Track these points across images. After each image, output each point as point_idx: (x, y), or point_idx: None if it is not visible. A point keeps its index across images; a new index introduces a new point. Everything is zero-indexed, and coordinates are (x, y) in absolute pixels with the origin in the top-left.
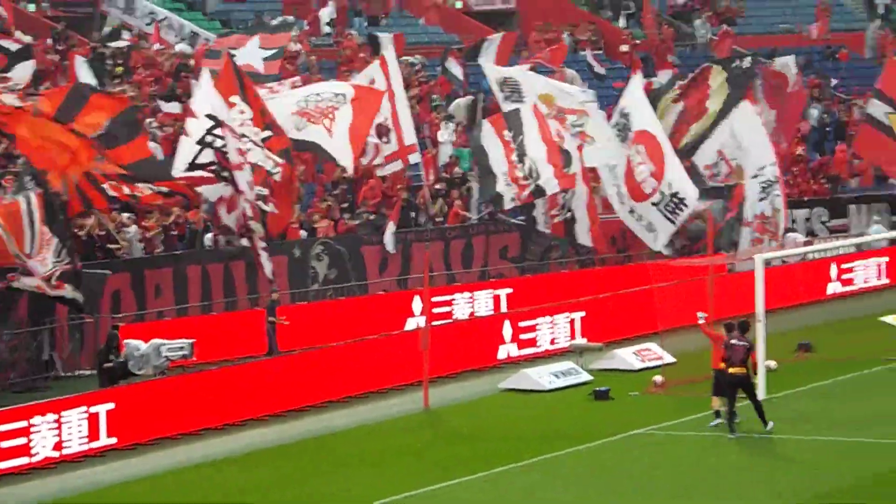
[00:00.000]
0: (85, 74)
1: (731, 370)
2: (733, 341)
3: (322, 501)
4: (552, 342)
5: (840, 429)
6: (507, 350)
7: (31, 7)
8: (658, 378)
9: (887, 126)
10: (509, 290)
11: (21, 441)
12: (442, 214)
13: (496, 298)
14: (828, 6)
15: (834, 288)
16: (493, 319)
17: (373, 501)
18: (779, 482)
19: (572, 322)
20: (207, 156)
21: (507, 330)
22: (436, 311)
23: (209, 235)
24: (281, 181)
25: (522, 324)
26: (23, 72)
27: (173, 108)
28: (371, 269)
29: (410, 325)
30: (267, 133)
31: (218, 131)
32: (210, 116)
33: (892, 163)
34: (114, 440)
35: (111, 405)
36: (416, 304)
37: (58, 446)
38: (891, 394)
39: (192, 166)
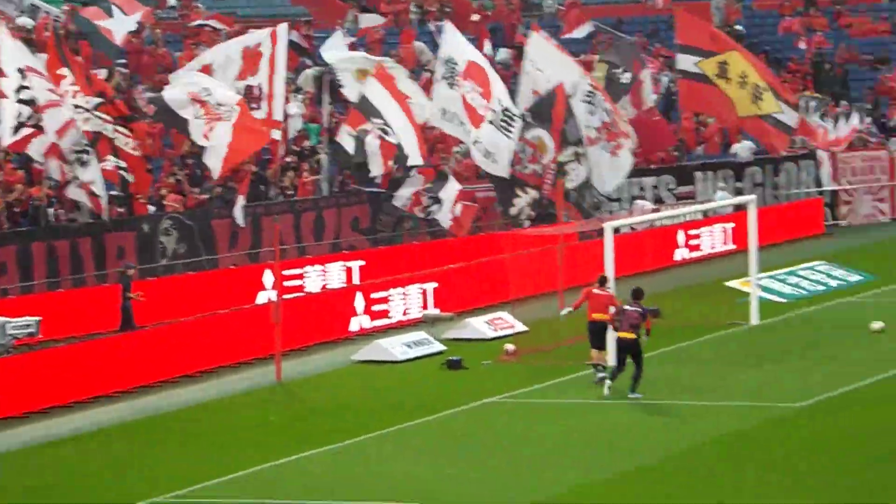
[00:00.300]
0: None
1: (620, 334)
2: (626, 307)
3: (170, 477)
4: (405, 313)
5: (687, 393)
6: (359, 322)
7: None
8: (510, 347)
9: (700, 74)
10: (361, 263)
11: None
12: (292, 187)
13: (348, 271)
14: None
15: (681, 254)
16: (345, 292)
17: (224, 475)
18: (625, 446)
19: (424, 293)
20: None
21: (359, 302)
22: (287, 284)
23: (52, 210)
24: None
25: (375, 295)
26: None
27: None
28: (221, 243)
29: (262, 298)
30: (98, 100)
31: (27, 81)
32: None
33: (717, 107)
34: None
35: None
36: (268, 278)
37: None
38: (735, 358)
39: (19, 127)
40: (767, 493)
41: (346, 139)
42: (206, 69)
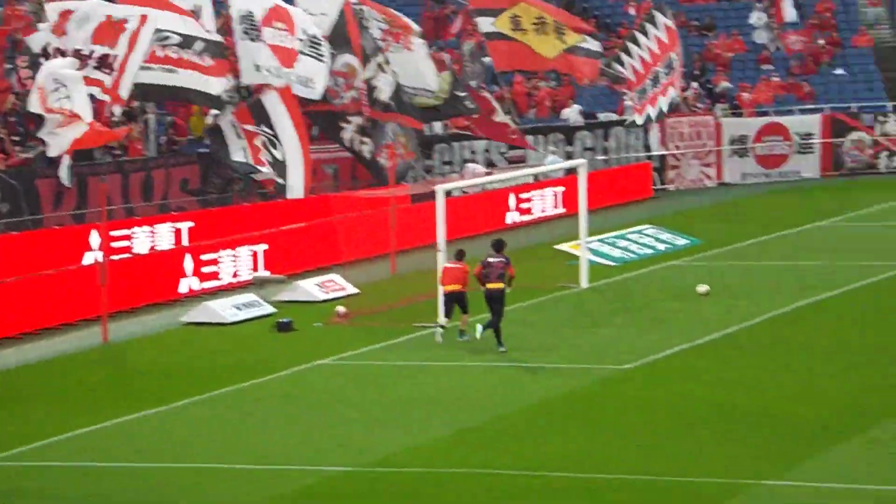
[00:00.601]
0: None
1: (488, 285)
2: (490, 259)
3: None
4: (234, 275)
5: (518, 354)
6: (188, 283)
7: None
8: (341, 309)
9: (499, 32)
10: (191, 224)
11: None
12: (120, 147)
13: (177, 232)
14: None
15: (513, 217)
16: (174, 253)
17: (49, 437)
18: (454, 408)
19: (255, 254)
20: None
21: (188, 263)
22: (114, 245)
23: None
24: None
25: (204, 257)
26: None
27: None
28: (46, 203)
29: (88, 259)
30: None
31: None
32: None
33: (526, 60)
34: None
35: None
36: (94, 239)
37: None
38: (565, 321)
39: None
40: (593, 454)
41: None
42: (65, 15)
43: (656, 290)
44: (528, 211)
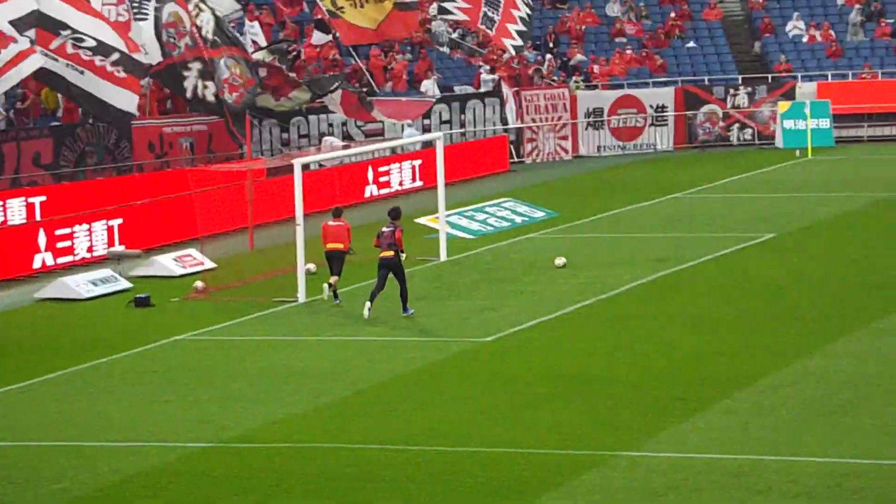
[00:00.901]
0: None
1: (382, 254)
2: (383, 228)
3: None
4: (90, 250)
5: (377, 328)
6: (42, 259)
7: None
8: (199, 284)
9: (331, 10)
10: (43, 198)
11: None
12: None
13: (30, 206)
14: None
15: (371, 190)
16: (27, 228)
17: None
18: (311, 383)
19: (110, 229)
20: None
21: (41, 238)
22: None
23: None
24: None
25: (58, 232)
26: None
27: None
28: None
29: None
30: None
31: None
32: None
33: (359, 34)
34: None
35: None
36: None
37: None
38: (424, 294)
39: None
40: (453, 427)
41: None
42: None
43: (515, 263)
44: (386, 184)
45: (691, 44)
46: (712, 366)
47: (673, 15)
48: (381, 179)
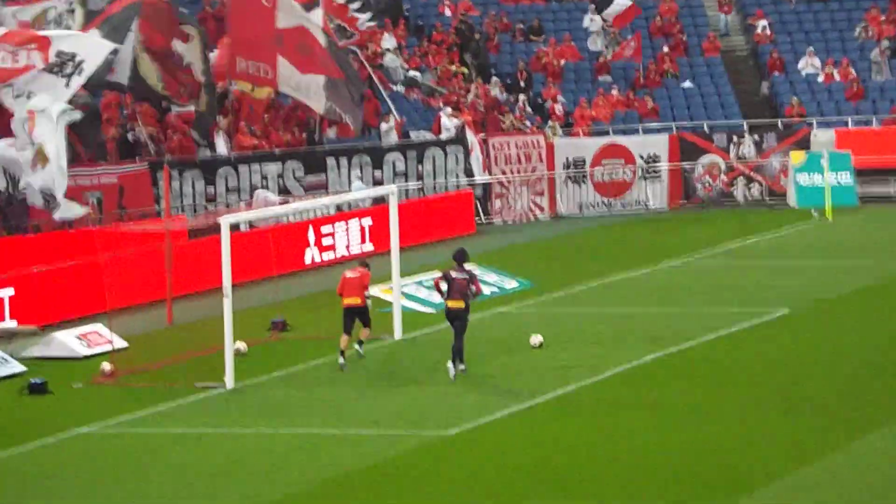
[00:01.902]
0: None
1: (448, 303)
2: (453, 273)
3: None
4: None
5: (321, 418)
6: None
7: None
8: (106, 366)
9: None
10: None
11: None
12: None
13: None
14: None
15: (312, 255)
16: None
17: None
18: (248, 482)
19: (0, 301)
20: None
21: None
22: None
23: None
24: None
25: None
26: None
27: None
28: None
29: None
30: None
31: None
32: None
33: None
34: None
35: None
36: None
37: None
38: (376, 378)
39: None
40: None
41: None
42: None
43: (483, 342)
44: (330, 248)
45: (687, 83)
46: (716, 465)
47: (666, 49)
48: (325, 242)
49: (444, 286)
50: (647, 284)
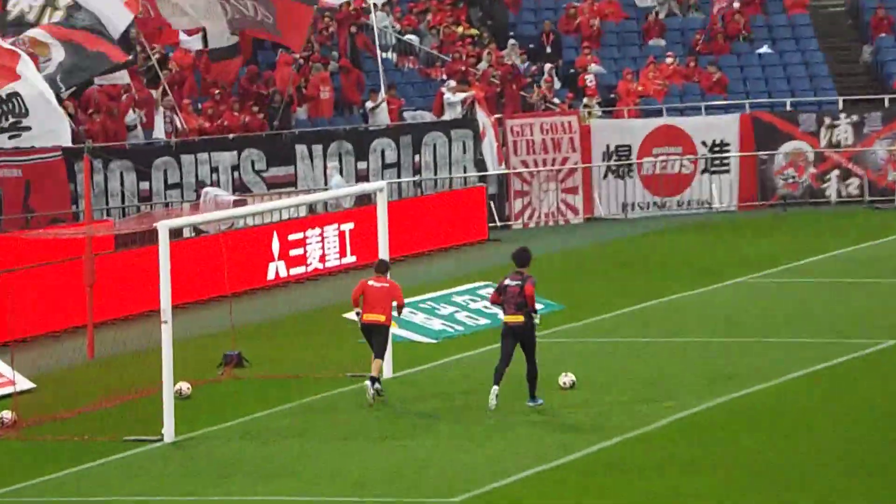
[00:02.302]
0: None
1: (505, 319)
2: (507, 281)
3: None
4: None
5: (278, 481)
6: None
7: None
8: (6, 414)
9: None
10: None
11: None
12: None
13: None
14: None
15: (277, 270)
16: None
17: None
18: None
19: None
20: None
21: None
22: None
23: None
24: None
25: None
26: None
27: None
28: None
29: None
30: None
31: None
32: None
33: None
34: None
35: None
36: None
37: None
38: (359, 429)
39: None
40: None
41: None
42: None
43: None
44: (300, 260)
45: (765, 49)
46: None
47: (737, 5)
48: (293, 253)
49: (500, 299)
50: (710, 308)
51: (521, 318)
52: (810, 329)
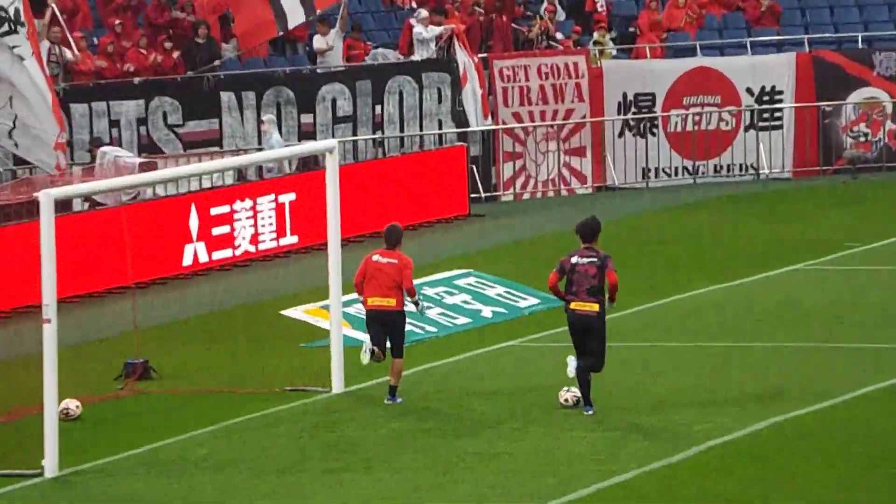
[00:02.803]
0: None
1: (573, 306)
2: (575, 259)
3: None
4: None
5: None
6: None
7: None
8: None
9: None
10: None
11: None
12: None
13: None
14: None
15: (195, 252)
16: None
17: None
18: None
19: None
20: None
21: None
22: None
23: None
24: None
25: None
26: None
27: None
28: None
29: None
30: None
31: None
32: None
33: None
34: None
35: None
36: None
37: None
38: (308, 455)
39: None
40: None
41: None
42: None
43: (481, 398)
44: (226, 240)
45: None
46: None
47: None
48: (216, 231)
49: (562, 282)
50: (758, 304)
51: (595, 307)
52: (883, 333)
